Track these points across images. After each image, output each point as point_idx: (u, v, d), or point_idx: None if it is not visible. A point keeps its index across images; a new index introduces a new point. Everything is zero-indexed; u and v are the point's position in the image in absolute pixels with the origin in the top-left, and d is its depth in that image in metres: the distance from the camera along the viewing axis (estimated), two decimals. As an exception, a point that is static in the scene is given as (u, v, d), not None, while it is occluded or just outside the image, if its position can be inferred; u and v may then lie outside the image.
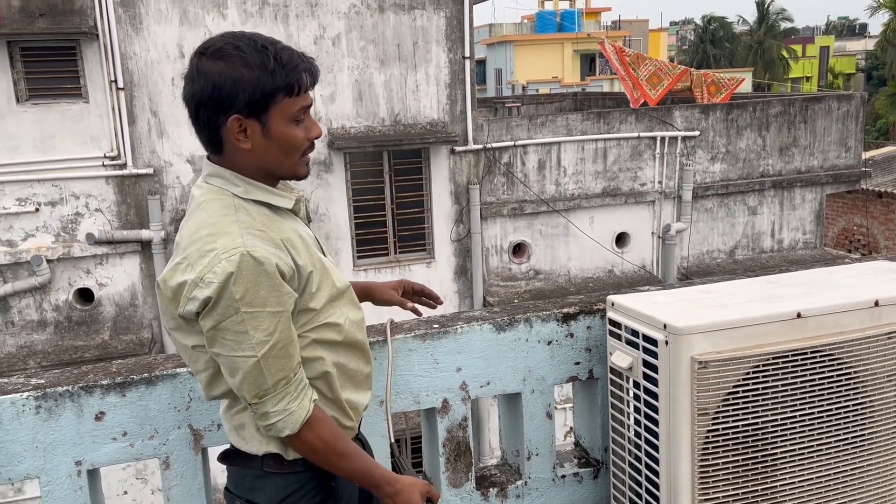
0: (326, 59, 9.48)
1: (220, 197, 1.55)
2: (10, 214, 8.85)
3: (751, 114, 11.16)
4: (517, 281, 10.63)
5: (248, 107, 1.49)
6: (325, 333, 1.64)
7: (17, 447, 1.96)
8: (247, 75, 1.48)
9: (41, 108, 8.77)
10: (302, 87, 1.53)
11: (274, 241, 1.52)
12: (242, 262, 1.44)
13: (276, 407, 1.53)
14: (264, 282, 1.46)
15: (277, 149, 1.55)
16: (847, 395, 2.09)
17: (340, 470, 1.63)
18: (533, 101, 19.69)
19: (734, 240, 11.49)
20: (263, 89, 1.49)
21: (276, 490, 1.64)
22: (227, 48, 1.49)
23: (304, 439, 1.57)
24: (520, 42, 39.44)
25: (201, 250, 1.47)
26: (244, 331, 1.46)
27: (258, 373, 1.49)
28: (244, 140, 1.53)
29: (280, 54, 1.50)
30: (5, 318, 9.09)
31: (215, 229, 1.49)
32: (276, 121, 1.53)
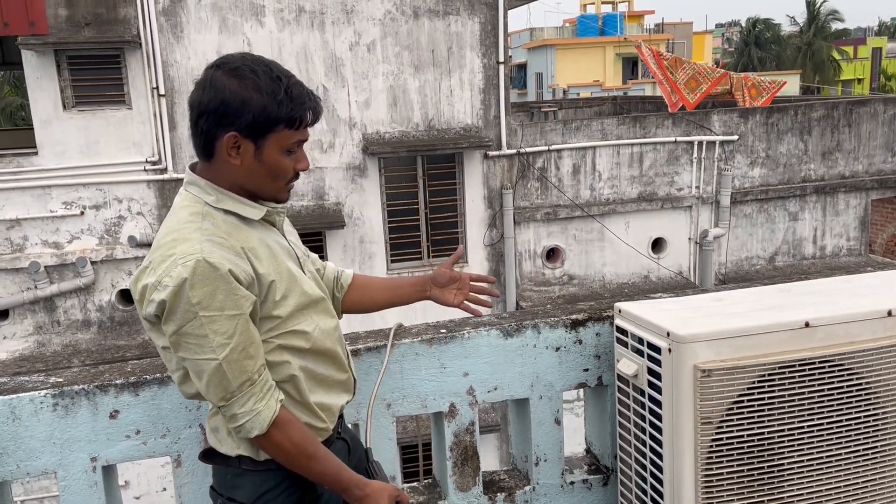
0: (361, 65, 9.60)
1: (193, 204, 1.61)
2: (56, 217, 9.15)
3: (792, 117, 10.93)
4: (551, 286, 10.58)
5: (248, 128, 1.56)
6: (291, 340, 1.67)
7: (36, 443, 2.04)
8: (255, 99, 1.54)
9: (86, 115, 9.06)
10: (303, 122, 1.61)
11: (234, 248, 1.57)
12: (197, 268, 1.49)
13: (243, 408, 1.57)
14: (220, 286, 1.51)
15: (265, 172, 1.62)
16: (859, 407, 2.05)
17: (309, 472, 1.65)
18: (572, 105, 19.60)
19: (774, 246, 11.26)
20: (268, 116, 1.55)
21: (254, 488, 1.69)
22: (244, 69, 1.56)
23: (273, 440, 1.60)
24: (561, 46, 39.27)
25: (163, 255, 1.53)
26: (204, 335, 1.51)
27: (221, 375, 1.54)
28: (235, 157, 1.59)
29: (291, 88, 1.57)
30: (52, 317, 9.39)
31: (178, 235, 1.55)
32: (270, 147, 1.59)
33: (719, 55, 51.47)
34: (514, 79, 45.77)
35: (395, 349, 2.28)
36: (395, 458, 2.34)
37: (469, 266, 10.35)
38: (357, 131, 9.72)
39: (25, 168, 9.01)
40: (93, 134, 9.07)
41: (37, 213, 9.05)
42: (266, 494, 1.69)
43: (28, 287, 9.16)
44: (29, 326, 9.32)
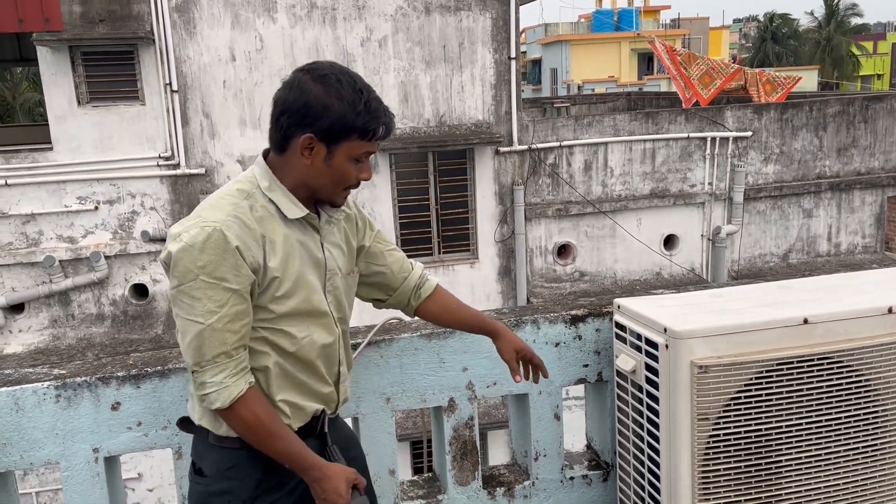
0: (373, 60, 9.61)
1: (245, 182, 1.72)
2: (71, 212, 9.24)
3: (807, 113, 10.83)
4: (562, 282, 10.56)
5: (324, 132, 1.65)
6: (277, 338, 1.72)
7: (39, 434, 2.07)
8: (336, 106, 1.64)
9: (101, 111, 9.13)
10: (375, 135, 1.69)
11: (255, 234, 1.65)
12: (213, 235, 1.60)
13: (214, 378, 1.63)
14: (228, 259, 1.60)
15: (330, 176, 1.71)
16: (858, 404, 2.03)
17: (271, 449, 1.69)
18: (586, 100, 19.51)
19: (788, 243, 11.17)
20: (345, 124, 1.64)
21: (216, 463, 1.76)
22: (331, 77, 1.66)
23: (237, 413, 1.65)
24: (576, 41, 39.09)
25: (196, 214, 1.66)
26: (198, 298, 1.60)
27: (201, 340, 1.61)
28: (307, 157, 1.68)
29: (370, 101, 1.66)
30: (66, 311, 9.49)
31: (214, 202, 1.68)
32: (341, 153, 1.68)
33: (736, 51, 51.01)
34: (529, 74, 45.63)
35: (395, 343, 2.29)
36: (394, 452, 2.35)
37: (480, 263, 10.34)
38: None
39: (40, 163, 9.10)
40: (107, 129, 9.14)
41: (52, 208, 9.15)
42: (228, 472, 1.75)
43: (43, 281, 9.26)
44: (44, 320, 9.43)
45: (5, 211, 9.06)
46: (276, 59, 9.44)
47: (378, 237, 2.01)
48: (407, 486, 2.50)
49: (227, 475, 1.75)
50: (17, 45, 14.27)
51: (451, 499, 2.41)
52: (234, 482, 1.75)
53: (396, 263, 2.03)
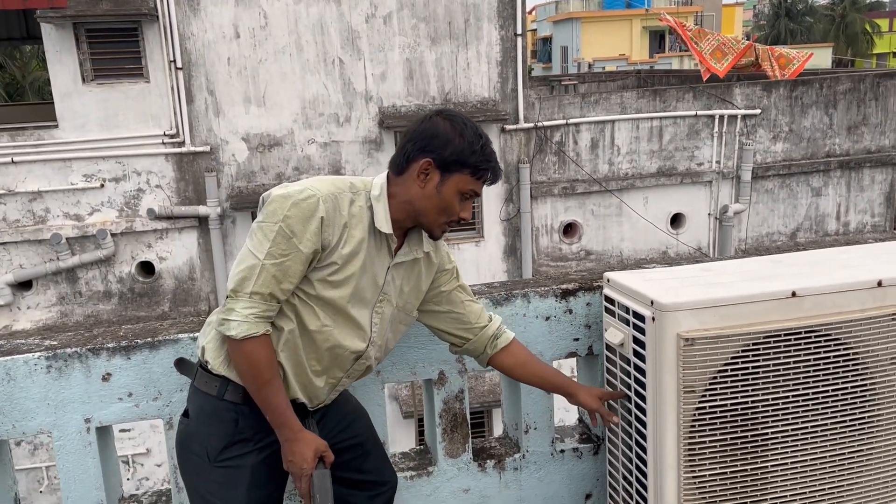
0: (377, 37, 9.55)
1: (360, 183, 1.88)
2: (77, 190, 9.28)
3: (817, 91, 10.70)
4: (567, 261, 10.55)
5: (442, 160, 1.83)
6: (305, 311, 1.83)
7: (31, 403, 2.10)
8: (457, 142, 1.83)
9: (105, 88, 9.14)
10: (483, 176, 1.87)
11: (342, 220, 1.80)
12: (310, 199, 1.76)
13: (242, 310, 1.74)
14: (311, 223, 1.75)
15: (437, 203, 1.86)
16: (846, 377, 2.03)
17: (260, 395, 1.79)
18: (595, 78, 19.35)
19: (796, 222, 11.10)
20: (460, 157, 1.83)
21: (198, 406, 1.89)
22: (458, 120, 1.87)
23: (245, 349, 1.75)
24: (586, 19, 38.70)
25: (308, 180, 1.83)
26: (269, 238, 1.74)
27: (251, 273, 1.74)
28: (422, 180, 1.85)
29: (486, 146, 1.87)
30: (74, 288, 9.57)
31: (326, 179, 1.85)
32: (451, 184, 1.85)
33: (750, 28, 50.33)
34: (539, 52, 45.22)
35: (384, 316, 2.29)
36: (384, 424, 2.36)
37: (485, 241, 10.33)
38: (373, 105, 9.70)
39: (46, 141, 9.13)
40: (112, 107, 9.15)
41: (58, 186, 9.19)
42: (206, 417, 1.87)
43: (50, 258, 9.32)
44: (52, 297, 9.51)
45: (12, 188, 9.11)
46: (280, 36, 9.39)
47: (461, 288, 2.12)
48: (399, 458, 2.52)
49: (204, 420, 1.87)
50: (24, 22, 14.27)
51: (441, 470, 2.43)
52: (208, 428, 1.87)
53: (474, 314, 2.11)
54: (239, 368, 1.79)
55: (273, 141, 9.56)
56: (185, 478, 1.95)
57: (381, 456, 2.16)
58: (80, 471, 2.17)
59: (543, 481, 2.51)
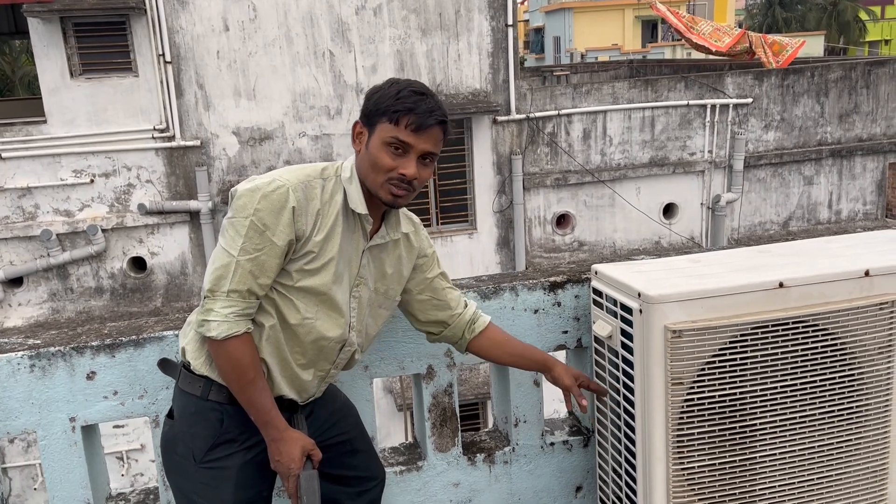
0: (367, 29, 9.50)
1: (330, 168, 1.84)
2: (67, 186, 9.22)
3: (808, 79, 10.70)
4: (561, 252, 10.54)
5: (365, 116, 1.80)
6: (285, 305, 1.79)
7: (14, 403, 2.08)
8: (379, 94, 1.79)
9: (94, 83, 9.07)
10: (399, 120, 1.75)
11: (313, 208, 1.76)
12: (279, 189, 1.71)
13: (222, 309, 1.70)
14: (282, 214, 1.70)
15: (368, 161, 1.79)
16: (833, 367, 2.02)
17: (244, 395, 1.75)
18: (587, 69, 19.31)
19: (788, 211, 11.11)
20: (377, 107, 1.77)
21: (182, 407, 1.86)
22: (397, 79, 1.84)
23: (227, 349, 1.71)
24: (579, 9, 38.63)
25: (274, 172, 1.78)
26: (241, 234, 1.70)
27: (226, 271, 1.70)
28: (358, 143, 1.82)
29: (404, 91, 1.77)
30: (65, 284, 9.53)
31: (294, 169, 1.80)
32: (375, 137, 1.78)
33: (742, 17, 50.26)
34: (532, 43, 45.10)
35: (371, 311, 2.28)
36: (373, 420, 2.35)
37: (478, 233, 10.32)
38: (364, 97, 9.64)
39: (35, 136, 9.07)
40: (100, 101, 9.09)
41: (47, 182, 9.13)
42: (190, 417, 1.84)
43: (41, 255, 9.28)
44: (43, 294, 9.47)
45: (1, 185, 9.05)
46: (269, 29, 9.34)
47: (442, 276, 2.09)
48: (388, 453, 2.51)
49: (188, 420, 1.84)
50: (12, 17, 14.14)
51: (431, 465, 2.42)
52: (193, 429, 1.83)
53: (454, 301, 2.09)
54: (221, 369, 1.76)
55: (264, 134, 9.52)
56: (171, 479, 1.92)
57: (369, 452, 2.15)
58: (65, 470, 2.16)
59: (534, 474, 2.50)
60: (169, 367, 1.95)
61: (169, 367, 1.95)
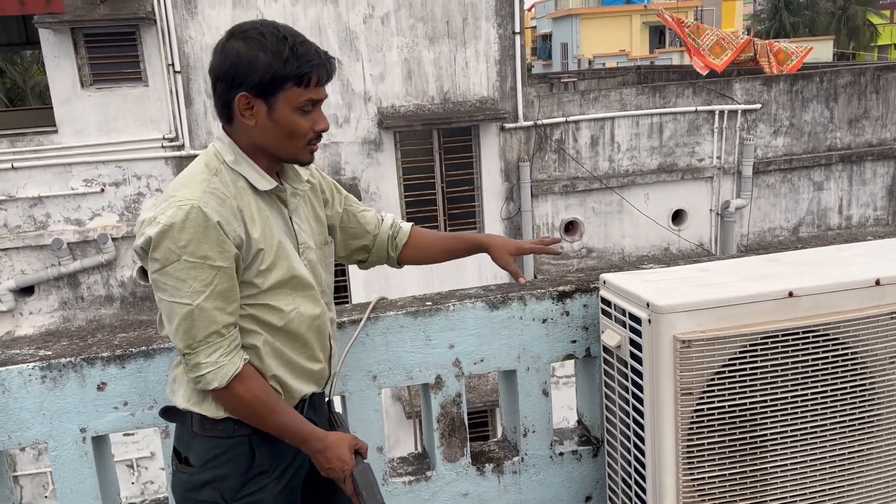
0: (375, 38, 9.53)
1: (211, 159, 1.68)
2: (77, 195, 9.29)
3: (817, 85, 10.67)
4: (569, 259, 10.53)
5: (256, 87, 1.59)
6: (264, 314, 1.69)
7: (26, 414, 2.09)
8: (262, 59, 1.58)
9: (104, 93, 9.14)
10: (311, 80, 1.62)
11: (232, 208, 1.62)
12: (191, 213, 1.55)
13: (209, 358, 1.60)
14: (211, 235, 1.56)
15: (279, 132, 1.64)
16: (845, 377, 2.01)
17: (270, 425, 1.67)
18: (595, 75, 19.32)
19: (798, 216, 11.06)
20: (273, 74, 1.58)
21: (203, 452, 1.72)
22: (252, 32, 1.61)
23: (235, 392, 1.63)
24: (586, 15, 38.71)
25: (167, 196, 1.61)
26: (183, 279, 1.56)
27: (191, 322, 1.58)
28: (249, 117, 1.63)
29: (297, 47, 1.60)
30: (76, 293, 9.58)
31: (185, 182, 1.63)
32: (282, 106, 1.62)
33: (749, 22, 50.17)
34: (539, 50, 45.16)
35: (380, 321, 2.28)
36: (381, 430, 2.35)
37: (486, 239, 10.30)
38: (372, 105, 9.69)
39: (46, 146, 9.14)
40: (111, 111, 9.15)
41: (58, 191, 9.20)
42: (214, 460, 1.71)
43: (52, 263, 9.33)
44: (54, 302, 9.52)
45: (13, 194, 9.12)
46: (278, 38, 9.37)
47: (348, 201, 2.00)
48: (396, 464, 2.50)
49: (214, 463, 1.71)
50: (23, 27, 14.27)
51: (439, 475, 2.42)
52: (222, 470, 1.71)
53: (371, 223, 2.03)
54: (238, 412, 1.67)
55: (272, 143, 9.55)
56: None
57: None
58: (76, 480, 2.16)
59: (543, 484, 2.49)
60: (177, 416, 1.77)
61: (177, 415, 1.77)
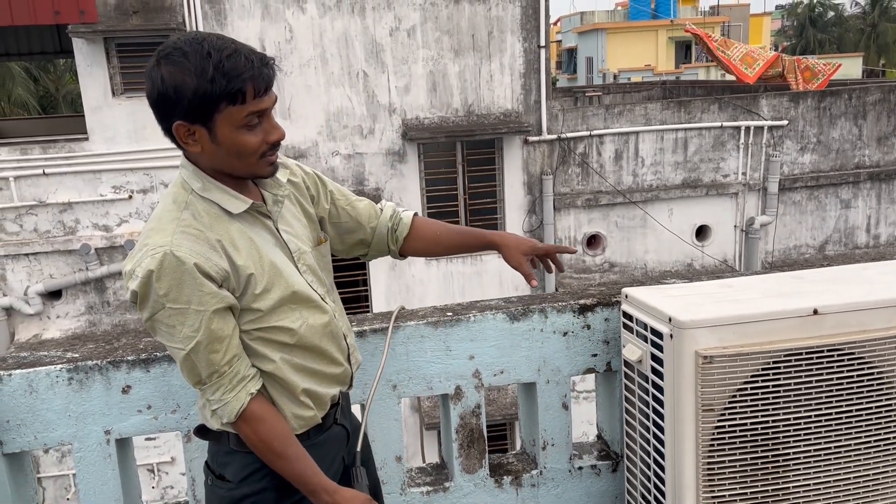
0: (401, 50, 9.61)
1: (179, 191, 1.60)
2: (106, 201, 9.43)
3: (846, 101, 10.56)
4: (591, 273, 10.48)
5: (189, 114, 1.49)
6: (274, 335, 1.66)
7: (52, 415, 2.13)
8: (188, 83, 1.47)
9: (134, 101, 9.29)
10: (247, 94, 1.50)
11: (210, 241, 1.55)
12: (164, 261, 1.49)
13: (213, 396, 1.61)
14: (187, 280, 1.51)
15: (226, 153, 1.55)
16: (870, 397, 1.98)
17: (277, 468, 1.64)
18: (620, 89, 19.29)
19: (824, 234, 10.93)
20: (203, 98, 1.47)
21: (242, 467, 1.70)
22: (175, 54, 1.48)
23: (242, 431, 1.63)
24: (612, 30, 38.67)
25: (141, 244, 1.55)
26: (172, 325, 1.54)
27: (191, 364, 1.58)
28: (193, 144, 1.54)
29: (223, 62, 1.47)
30: (102, 297, 9.71)
31: (156, 225, 1.56)
32: (222, 127, 1.51)
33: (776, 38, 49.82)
34: (564, 64, 45.19)
35: (401, 331, 2.29)
36: (400, 438, 2.36)
37: (508, 252, 10.28)
38: (396, 117, 9.75)
39: (76, 153, 9.30)
40: (140, 120, 9.30)
41: (87, 197, 9.35)
42: (253, 475, 1.69)
43: (80, 268, 9.48)
44: (81, 306, 9.66)
45: (43, 200, 9.29)
46: (305, 50, 9.49)
47: (337, 194, 1.91)
48: (415, 473, 2.51)
49: (253, 479, 1.69)
50: (57, 37, 14.57)
51: (457, 486, 2.42)
52: (260, 485, 1.69)
53: (364, 214, 1.95)
54: (251, 446, 1.64)
55: (297, 153, 9.65)
56: None
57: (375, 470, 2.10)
58: (99, 482, 2.20)
59: (561, 498, 2.48)
60: (212, 434, 1.74)
61: (212, 433, 1.74)
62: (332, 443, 1.80)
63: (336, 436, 1.83)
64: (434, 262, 10.03)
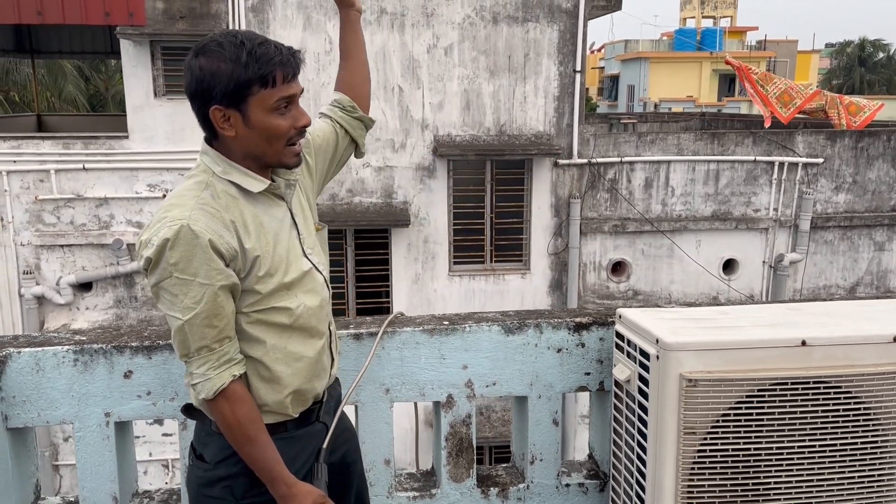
0: (437, 67, 9.73)
1: (200, 174, 1.71)
2: (140, 199, 9.67)
3: (884, 143, 10.40)
4: (614, 300, 10.42)
5: (225, 98, 1.63)
6: (273, 316, 1.73)
7: (56, 394, 2.21)
8: (223, 68, 1.62)
9: (175, 103, 9.53)
10: (277, 79, 1.64)
11: (224, 221, 1.65)
12: (181, 232, 1.59)
13: (198, 370, 1.66)
14: (198, 254, 1.60)
15: (259, 137, 1.67)
16: (856, 431, 1.98)
17: (244, 452, 1.69)
18: (658, 118, 19.21)
19: (856, 276, 10.73)
20: (237, 81, 1.62)
21: (220, 450, 1.76)
22: (211, 45, 1.65)
23: (219, 408, 1.67)
24: (655, 59, 38.57)
25: (159, 217, 1.65)
26: (175, 294, 1.62)
27: (183, 335, 1.64)
28: (229, 128, 1.67)
29: (255, 49, 1.62)
30: (130, 292, 9.93)
31: (176, 201, 1.66)
32: (254, 111, 1.65)
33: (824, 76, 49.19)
34: (606, 90, 45.15)
35: (396, 336, 2.34)
36: (390, 442, 2.40)
37: (531, 274, 10.31)
38: (429, 132, 9.86)
39: (116, 150, 9.56)
40: (179, 121, 9.53)
41: (123, 194, 9.59)
42: (229, 459, 1.75)
43: (111, 262, 9.71)
44: (109, 300, 9.88)
45: (81, 194, 9.55)
46: (343, 62, 9.65)
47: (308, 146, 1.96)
48: (403, 478, 2.54)
49: (228, 462, 1.75)
50: (108, 38, 15.03)
51: (444, 494, 2.45)
52: (234, 469, 1.75)
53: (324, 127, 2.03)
54: (221, 429, 1.70)
55: (329, 162, 9.79)
56: None
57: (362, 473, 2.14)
58: (97, 462, 2.27)
59: (547, 514, 2.50)
60: (197, 413, 1.82)
61: (197, 412, 1.81)
62: (309, 438, 1.85)
63: (316, 433, 1.87)
64: (457, 279, 10.08)
